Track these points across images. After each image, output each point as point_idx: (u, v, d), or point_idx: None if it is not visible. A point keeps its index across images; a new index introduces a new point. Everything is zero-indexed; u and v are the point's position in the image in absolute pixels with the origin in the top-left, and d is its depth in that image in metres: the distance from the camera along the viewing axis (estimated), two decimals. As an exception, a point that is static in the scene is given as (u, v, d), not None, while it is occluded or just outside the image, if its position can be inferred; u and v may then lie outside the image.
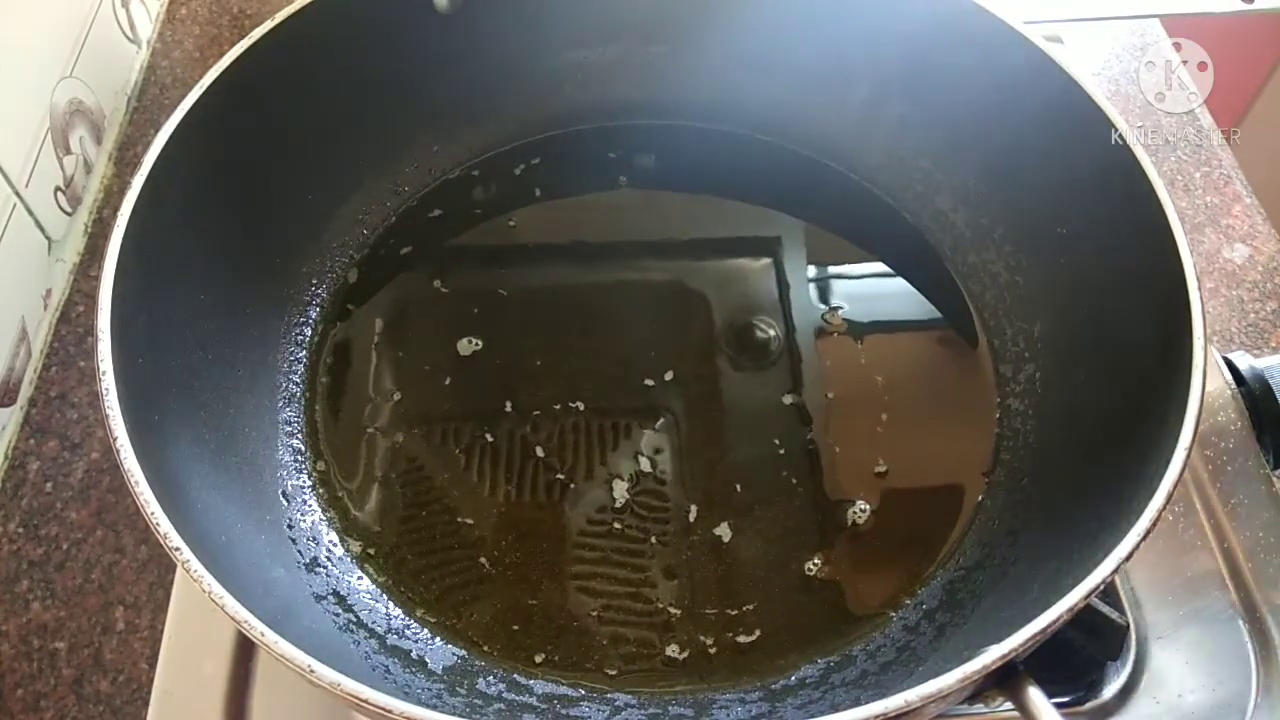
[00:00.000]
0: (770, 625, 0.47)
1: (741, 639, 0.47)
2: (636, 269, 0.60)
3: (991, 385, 0.54)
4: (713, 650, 0.47)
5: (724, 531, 0.50)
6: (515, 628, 0.47)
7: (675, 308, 0.58)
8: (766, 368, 0.56)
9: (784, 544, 0.50)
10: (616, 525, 0.50)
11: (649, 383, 0.55)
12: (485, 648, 0.47)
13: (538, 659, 0.46)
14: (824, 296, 0.58)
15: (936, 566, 0.49)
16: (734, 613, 0.48)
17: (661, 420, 0.53)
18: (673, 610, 0.48)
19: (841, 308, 0.58)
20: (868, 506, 0.50)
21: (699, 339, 0.57)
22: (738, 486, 0.51)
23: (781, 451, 0.52)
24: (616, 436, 0.53)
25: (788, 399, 0.54)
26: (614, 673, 0.46)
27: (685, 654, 0.46)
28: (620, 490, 0.51)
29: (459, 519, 0.50)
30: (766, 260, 0.60)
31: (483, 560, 0.49)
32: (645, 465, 0.52)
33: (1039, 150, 0.53)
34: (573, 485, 0.51)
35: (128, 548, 0.55)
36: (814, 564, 0.49)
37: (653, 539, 0.50)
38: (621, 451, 0.52)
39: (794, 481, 0.51)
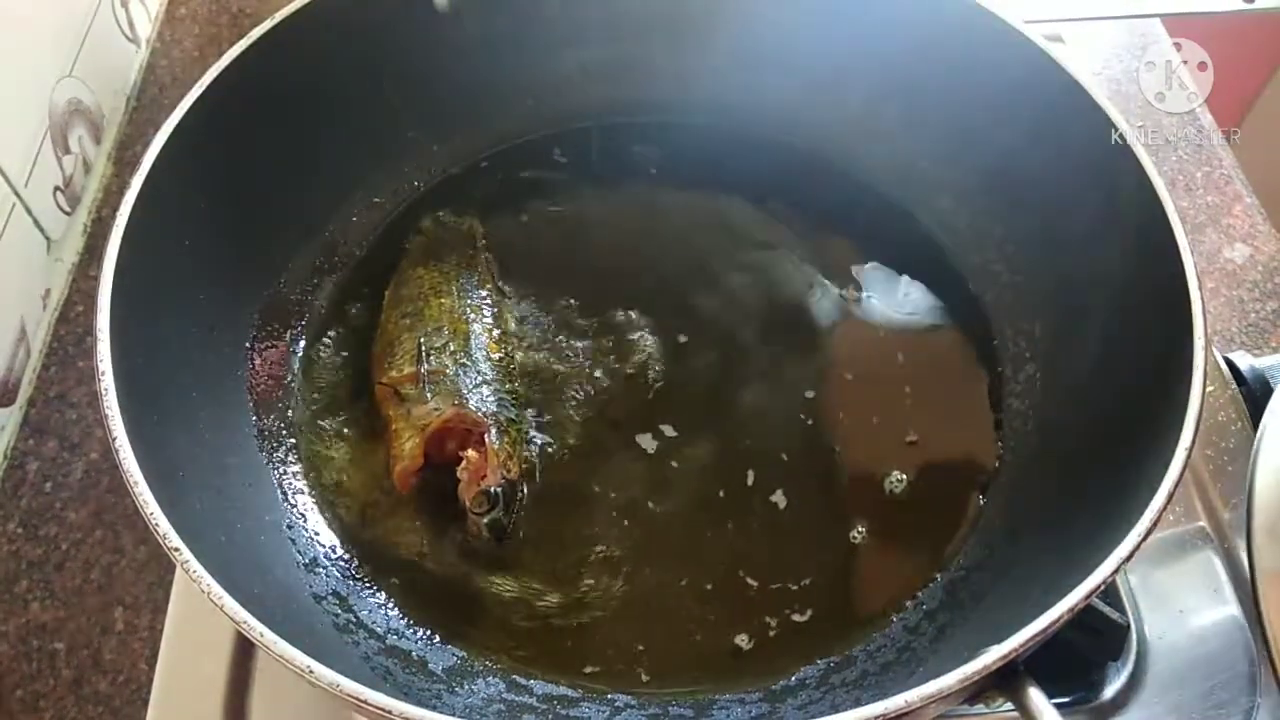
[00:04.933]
0: (770, 626, 0.47)
1: (740, 642, 0.47)
2: (640, 267, 0.59)
3: (992, 385, 0.54)
4: (711, 654, 0.46)
5: (722, 535, 0.50)
6: (514, 629, 0.47)
7: (672, 308, 0.58)
8: (764, 370, 0.55)
9: (785, 546, 0.49)
10: (614, 535, 0.50)
11: (643, 389, 0.55)
12: (485, 648, 0.46)
13: (537, 660, 0.46)
14: (825, 296, 0.58)
15: (937, 567, 0.49)
16: (732, 616, 0.47)
17: (653, 432, 0.53)
18: (670, 616, 0.48)
19: (858, 287, 0.58)
20: (870, 506, 0.50)
21: (696, 339, 0.57)
22: (731, 490, 0.51)
23: (780, 457, 0.52)
24: (611, 444, 0.53)
25: (785, 406, 0.54)
26: (611, 676, 0.46)
27: (683, 658, 0.46)
28: (616, 501, 0.51)
29: (457, 521, 0.50)
30: (765, 260, 0.60)
31: (482, 562, 0.49)
32: (643, 470, 0.52)
33: (1039, 150, 0.53)
34: (567, 496, 0.51)
35: (127, 548, 0.55)
36: (813, 566, 0.49)
37: (650, 546, 0.50)
38: (618, 456, 0.52)
39: (794, 484, 0.51)
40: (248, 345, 0.53)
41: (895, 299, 0.58)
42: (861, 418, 0.53)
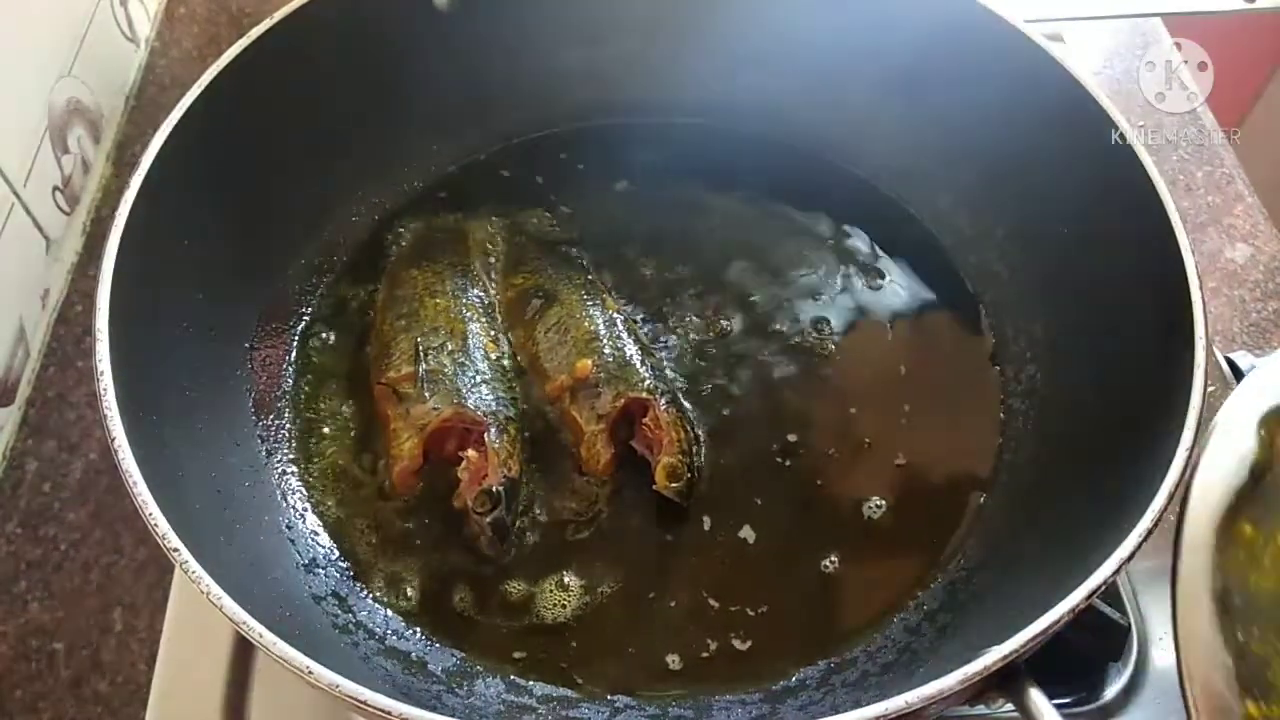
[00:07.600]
0: (771, 628, 0.47)
1: (739, 643, 0.47)
2: (639, 269, 0.59)
3: (993, 386, 0.54)
4: (712, 655, 0.46)
5: (726, 534, 0.50)
6: (515, 630, 0.47)
7: (668, 310, 0.58)
8: (765, 373, 0.55)
9: (787, 547, 0.49)
10: (610, 533, 0.50)
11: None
12: (485, 649, 0.46)
13: (537, 659, 0.46)
14: (826, 297, 0.58)
15: (938, 568, 0.49)
16: (732, 618, 0.47)
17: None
18: (670, 616, 0.47)
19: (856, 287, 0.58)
20: (871, 509, 0.50)
21: (692, 341, 0.56)
22: (737, 496, 0.51)
23: (784, 457, 0.52)
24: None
25: (784, 408, 0.54)
26: (610, 677, 0.46)
27: (684, 658, 0.46)
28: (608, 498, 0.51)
29: (458, 522, 0.50)
30: (763, 259, 0.60)
31: (483, 563, 0.49)
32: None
33: (1040, 149, 0.52)
34: (565, 495, 0.51)
35: (126, 548, 0.55)
36: (816, 566, 0.49)
37: (650, 548, 0.50)
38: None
39: (795, 486, 0.51)
40: (248, 345, 0.53)
41: (893, 299, 0.58)
42: (860, 419, 0.53)
